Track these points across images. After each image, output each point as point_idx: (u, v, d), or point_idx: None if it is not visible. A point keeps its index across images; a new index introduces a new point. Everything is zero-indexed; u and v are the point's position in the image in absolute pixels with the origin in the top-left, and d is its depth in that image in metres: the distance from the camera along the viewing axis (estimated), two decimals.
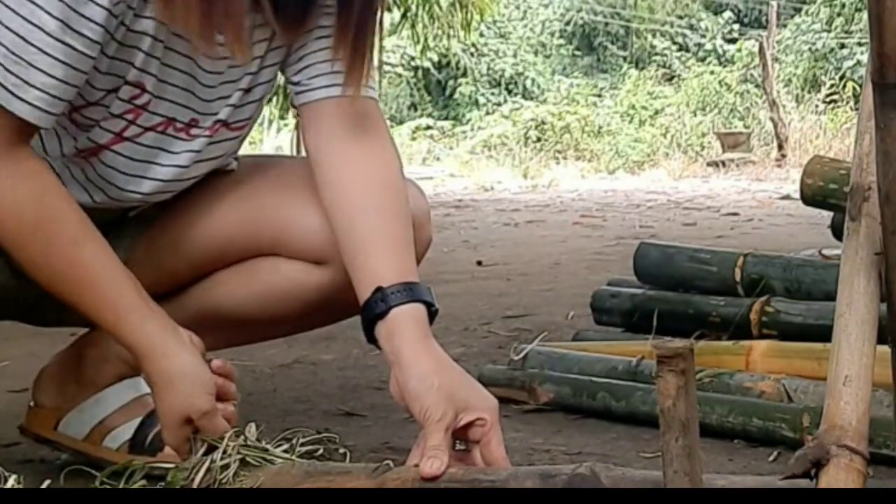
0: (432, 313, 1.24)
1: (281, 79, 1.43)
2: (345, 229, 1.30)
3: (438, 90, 19.54)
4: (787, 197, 7.30)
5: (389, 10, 9.32)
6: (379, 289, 1.22)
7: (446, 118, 18.57)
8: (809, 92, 14.32)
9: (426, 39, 10.63)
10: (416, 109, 19.24)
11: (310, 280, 1.39)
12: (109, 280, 1.24)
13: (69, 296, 1.26)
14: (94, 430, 1.44)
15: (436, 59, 17.86)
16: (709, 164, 12.41)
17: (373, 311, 1.22)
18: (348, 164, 1.32)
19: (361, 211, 1.30)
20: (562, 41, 21.02)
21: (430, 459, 1.09)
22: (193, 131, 1.34)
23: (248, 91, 1.36)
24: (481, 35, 18.46)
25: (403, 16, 9.51)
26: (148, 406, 1.39)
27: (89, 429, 1.44)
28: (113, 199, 1.36)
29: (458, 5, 9.75)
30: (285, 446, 1.20)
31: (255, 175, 1.45)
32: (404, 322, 1.21)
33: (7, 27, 1.14)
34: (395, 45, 17.92)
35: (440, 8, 9.58)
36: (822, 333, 1.54)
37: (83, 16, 1.15)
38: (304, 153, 1.40)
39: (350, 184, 1.31)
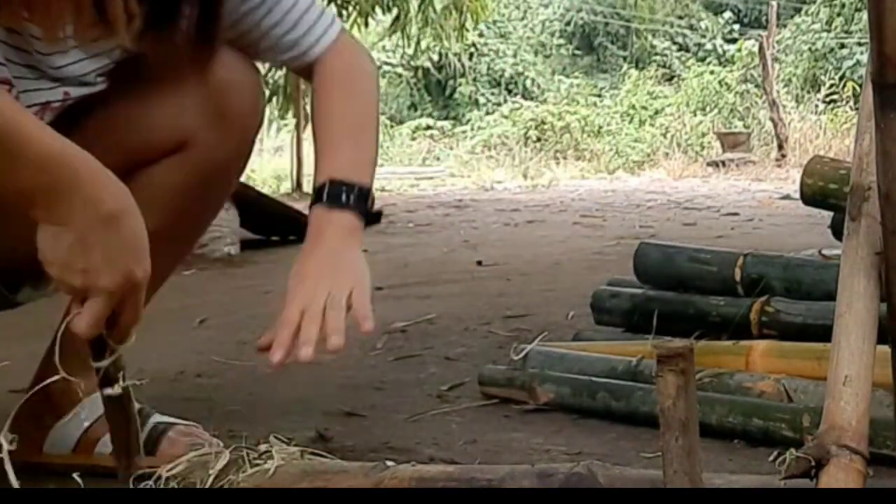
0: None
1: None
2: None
3: (438, 90, 19.53)
4: (787, 197, 7.30)
5: (389, 10, 9.32)
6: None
7: (446, 118, 18.57)
8: (809, 92, 14.32)
9: (419, 42, 10.61)
10: (416, 109, 19.23)
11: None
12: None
13: None
14: (82, 440, 1.43)
15: (436, 59, 17.87)
16: (709, 164, 12.40)
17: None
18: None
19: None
20: (562, 41, 21.01)
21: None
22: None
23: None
24: (481, 35, 18.45)
25: (396, 19, 9.49)
26: None
27: (76, 439, 1.43)
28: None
29: (452, 8, 9.73)
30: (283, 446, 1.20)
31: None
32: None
33: None
34: (395, 45, 17.93)
35: (434, 11, 9.56)
36: (822, 333, 1.54)
37: None
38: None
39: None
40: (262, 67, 1.61)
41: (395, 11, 9.38)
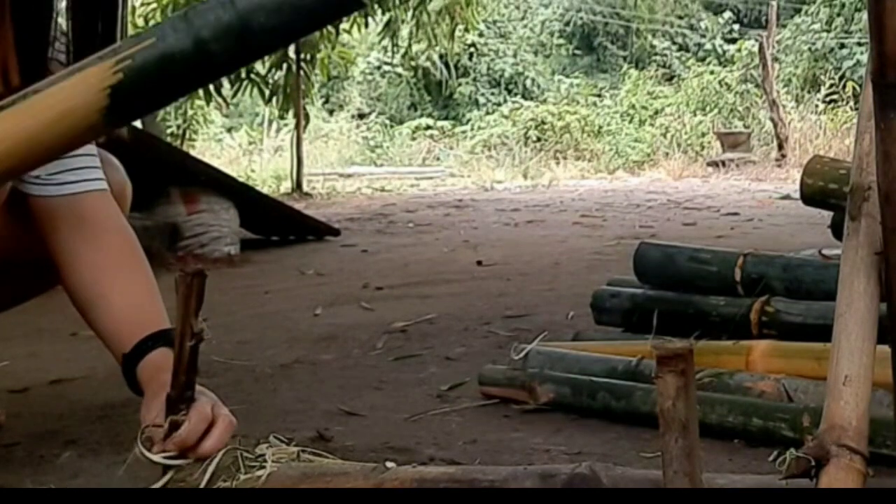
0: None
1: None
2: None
3: (438, 90, 19.52)
4: (787, 197, 7.29)
5: (387, 10, 9.31)
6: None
7: (446, 118, 18.55)
8: (809, 92, 14.29)
9: (410, 46, 10.60)
10: (416, 109, 19.20)
11: None
12: None
13: None
14: None
15: (436, 58, 17.85)
16: (709, 164, 12.39)
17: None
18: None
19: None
20: (562, 41, 20.99)
21: None
22: None
23: None
24: (481, 35, 18.43)
25: (386, 24, 9.47)
26: None
27: None
28: None
29: (445, 13, 9.72)
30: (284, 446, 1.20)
31: None
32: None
33: None
34: (395, 46, 17.89)
35: (428, 15, 9.54)
36: (822, 333, 1.54)
37: None
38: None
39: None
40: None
41: (387, 15, 9.36)
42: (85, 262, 1.43)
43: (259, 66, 8.97)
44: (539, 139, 15.27)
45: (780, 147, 12.32)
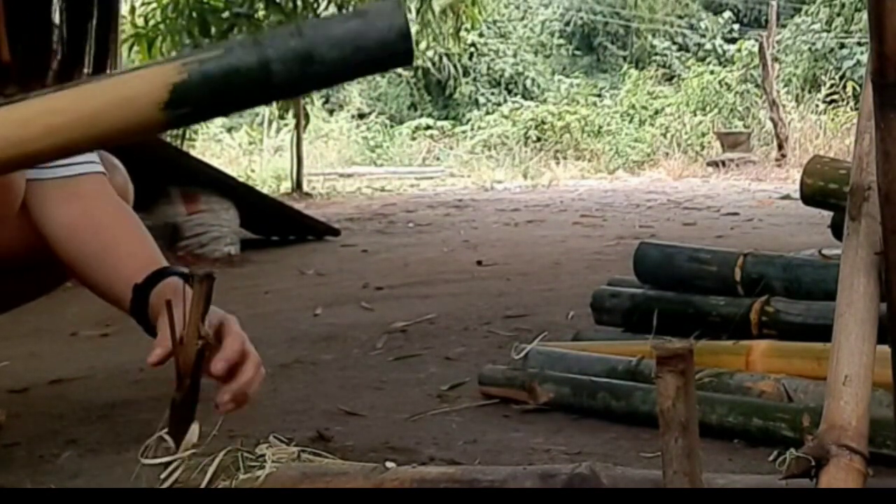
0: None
1: None
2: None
3: (438, 90, 19.52)
4: (787, 197, 7.29)
5: None
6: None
7: (446, 118, 18.55)
8: (809, 92, 14.29)
9: (417, 45, 10.63)
10: (416, 109, 19.20)
11: None
12: None
13: None
14: None
15: (436, 58, 17.86)
16: (709, 164, 12.39)
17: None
18: None
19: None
20: (562, 41, 21.00)
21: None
22: None
23: None
24: (481, 35, 18.43)
25: None
26: None
27: None
28: None
29: (450, 11, 9.73)
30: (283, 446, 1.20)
31: None
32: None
33: None
34: None
35: (433, 14, 9.55)
36: (822, 333, 1.54)
37: None
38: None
39: None
40: None
41: None
42: (82, 224, 1.43)
43: None
44: (539, 139, 15.27)
45: (780, 147, 12.32)
